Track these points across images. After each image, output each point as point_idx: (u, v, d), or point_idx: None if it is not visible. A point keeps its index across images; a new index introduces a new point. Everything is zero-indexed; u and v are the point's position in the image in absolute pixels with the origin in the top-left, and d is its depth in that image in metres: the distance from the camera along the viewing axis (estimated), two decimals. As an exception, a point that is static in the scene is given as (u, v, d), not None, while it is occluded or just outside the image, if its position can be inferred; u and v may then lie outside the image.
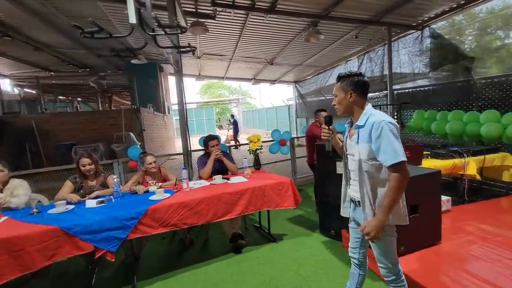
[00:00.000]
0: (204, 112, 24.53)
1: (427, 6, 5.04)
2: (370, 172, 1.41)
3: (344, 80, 1.49)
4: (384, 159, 1.33)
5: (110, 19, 5.49)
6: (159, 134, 9.33)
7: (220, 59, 8.80)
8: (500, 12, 5.44)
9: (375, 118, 1.37)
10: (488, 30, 5.52)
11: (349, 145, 1.55)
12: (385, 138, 1.31)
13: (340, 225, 2.84)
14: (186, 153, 4.09)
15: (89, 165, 2.65)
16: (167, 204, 2.29)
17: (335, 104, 1.55)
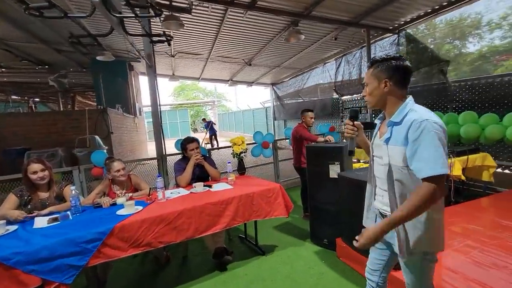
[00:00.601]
0: (178, 114, 23.66)
1: (403, 10, 5.12)
2: (403, 182, 1.15)
3: (378, 65, 1.20)
4: (418, 168, 1.05)
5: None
6: (129, 137, 8.63)
7: (195, 59, 8.39)
8: (457, 23, 5.72)
9: (415, 115, 1.10)
10: (446, 39, 5.78)
11: (377, 145, 1.29)
12: (425, 142, 1.04)
13: (333, 233, 2.63)
14: (160, 158, 3.67)
15: (41, 171, 2.17)
16: (139, 220, 1.91)
17: (365, 95, 1.28)
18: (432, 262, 1.21)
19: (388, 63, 1.18)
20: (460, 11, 5.23)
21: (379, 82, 1.20)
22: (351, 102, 7.55)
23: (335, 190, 2.57)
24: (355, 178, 2.24)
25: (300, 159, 3.45)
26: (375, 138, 1.32)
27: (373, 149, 1.33)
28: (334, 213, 2.63)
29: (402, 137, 1.11)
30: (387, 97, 1.20)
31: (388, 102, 1.21)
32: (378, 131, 1.31)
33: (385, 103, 1.22)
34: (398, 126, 1.15)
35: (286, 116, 11.33)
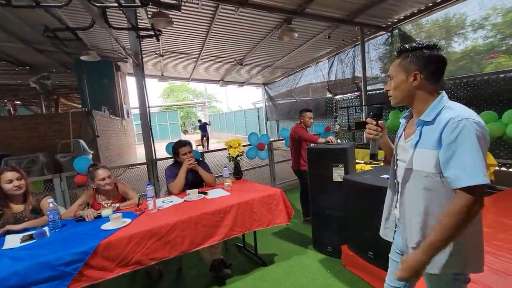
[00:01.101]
0: (168, 116, 23.19)
1: (397, 7, 5.07)
2: (434, 191, 0.98)
3: (407, 54, 1.02)
4: (454, 175, 0.89)
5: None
6: (117, 141, 8.28)
7: (185, 58, 8.14)
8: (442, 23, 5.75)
9: (452, 113, 0.93)
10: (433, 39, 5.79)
11: (402, 148, 1.12)
12: (464, 145, 0.87)
13: (337, 240, 2.48)
14: (150, 163, 3.44)
15: (17, 180, 1.93)
16: (127, 235, 1.69)
17: (389, 89, 1.10)
18: (465, 283, 1.05)
19: (420, 52, 1.00)
20: (445, 12, 5.24)
21: (407, 74, 1.02)
22: (345, 101, 7.48)
23: (340, 194, 2.41)
24: (362, 182, 2.09)
25: (299, 161, 3.29)
26: (400, 139, 1.15)
27: (397, 152, 1.16)
28: (338, 219, 2.47)
29: (435, 138, 0.94)
30: (416, 92, 1.03)
31: (417, 98, 1.04)
32: (404, 132, 1.14)
33: (413, 99, 1.05)
34: (429, 126, 0.98)
35: (279, 116, 11.20)
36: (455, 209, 0.89)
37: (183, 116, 31.66)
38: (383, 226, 1.31)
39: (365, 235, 2.11)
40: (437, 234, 0.92)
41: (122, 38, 5.71)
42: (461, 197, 0.88)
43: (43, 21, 5.27)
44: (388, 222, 1.27)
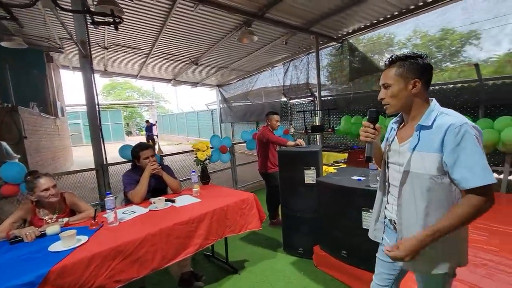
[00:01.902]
0: (109, 115, 21.04)
1: (347, 21, 5.51)
2: (436, 192, 1.03)
3: (403, 63, 1.07)
4: (465, 178, 0.94)
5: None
6: (50, 143, 7.12)
7: (134, 53, 7.47)
8: (376, 40, 6.53)
9: (451, 118, 1.00)
10: (369, 54, 6.54)
11: (395, 151, 1.17)
12: (468, 148, 0.94)
13: (309, 242, 2.52)
14: (100, 168, 3.01)
15: None
16: (86, 257, 1.41)
17: (385, 97, 1.13)
18: (452, 277, 1.14)
19: (415, 61, 1.06)
20: (378, 31, 5.93)
21: (406, 83, 1.07)
22: (300, 105, 7.81)
23: (311, 196, 2.46)
24: (335, 184, 2.16)
25: (267, 164, 3.27)
26: (393, 143, 1.20)
27: (389, 156, 1.21)
28: (310, 220, 2.52)
29: (437, 143, 1.00)
30: (414, 99, 1.09)
31: (414, 105, 1.10)
32: (396, 136, 1.19)
33: (411, 106, 1.10)
34: (428, 131, 1.04)
35: (234, 119, 11.13)
36: (469, 204, 0.95)
37: (127, 116, 29.17)
38: (372, 228, 1.34)
39: (338, 235, 2.18)
40: (445, 221, 0.97)
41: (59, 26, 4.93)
42: (473, 197, 0.94)
43: None
44: (377, 223, 1.31)
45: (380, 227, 1.29)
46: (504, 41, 4.30)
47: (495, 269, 1.75)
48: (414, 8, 4.74)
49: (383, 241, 1.28)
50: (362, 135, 1.19)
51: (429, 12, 4.75)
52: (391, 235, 1.22)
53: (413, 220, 1.08)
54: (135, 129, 29.80)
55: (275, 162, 3.24)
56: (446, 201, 1.04)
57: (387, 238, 1.25)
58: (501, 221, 2.21)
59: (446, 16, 4.79)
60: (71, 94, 10.66)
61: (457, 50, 5.74)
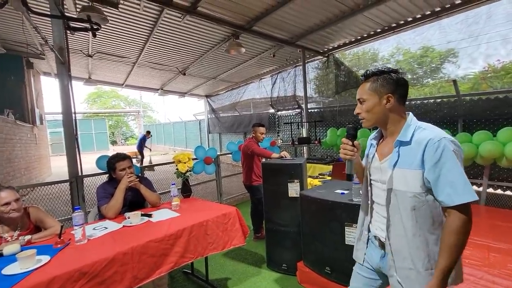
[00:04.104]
0: (93, 124, 20.45)
1: (333, 36, 5.65)
2: (420, 209, 1.00)
3: (377, 78, 1.07)
4: (446, 195, 0.92)
5: None
6: (25, 152, 6.77)
7: (119, 62, 7.34)
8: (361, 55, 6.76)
9: (429, 133, 0.98)
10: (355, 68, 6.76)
11: (376, 168, 1.14)
12: (448, 164, 0.92)
13: (293, 257, 2.44)
14: (75, 180, 2.85)
15: None
16: (45, 280, 1.27)
17: (361, 112, 1.12)
18: None
19: (389, 76, 1.07)
20: (363, 47, 6.13)
21: (379, 97, 1.07)
22: (287, 117, 7.84)
23: (295, 210, 2.40)
24: (318, 198, 2.11)
25: (251, 176, 3.20)
26: (373, 160, 1.17)
27: (371, 173, 1.18)
28: (293, 235, 2.44)
29: (418, 159, 0.98)
30: (389, 114, 1.08)
31: (390, 120, 1.09)
32: (376, 153, 1.17)
33: (386, 121, 1.10)
34: (407, 146, 1.03)
35: (222, 129, 11.05)
36: (452, 229, 0.92)
37: (112, 125, 28.49)
38: (355, 248, 1.30)
39: (321, 251, 2.11)
40: (444, 259, 0.93)
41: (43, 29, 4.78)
42: (455, 216, 0.92)
43: None
44: (359, 243, 1.27)
45: (362, 247, 1.25)
46: (479, 59, 4.51)
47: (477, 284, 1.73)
48: (395, 26, 4.92)
49: (365, 256, 1.23)
50: (342, 153, 1.17)
51: (409, 30, 4.94)
52: (375, 251, 1.18)
53: (403, 241, 1.04)
54: (121, 139, 29.09)
55: (260, 174, 3.17)
56: (432, 219, 1.00)
57: (371, 255, 1.20)
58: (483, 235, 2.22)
59: (424, 34, 5.00)
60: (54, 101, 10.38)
61: (437, 67, 5.96)
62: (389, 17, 4.62)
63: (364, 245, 1.23)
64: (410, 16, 4.58)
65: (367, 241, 1.22)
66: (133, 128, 30.32)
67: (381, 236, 1.13)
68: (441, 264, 0.95)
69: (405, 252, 1.03)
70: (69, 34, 2.70)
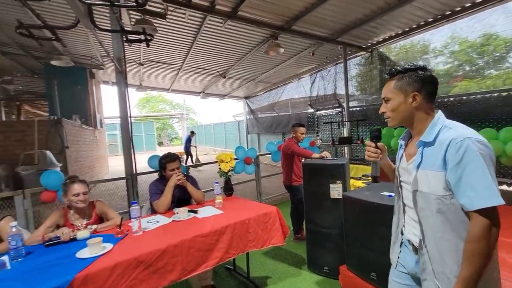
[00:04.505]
0: (143, 127, 22.30)
1: (377, 30, 5.33)
2: (446, 213, 0.94)
3: (403, 76, 1.04)
4: (467, 198, 0.87)
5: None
6: (88, 153, 7.68)
7: (166, 68, 7.90)
8: (409, 48, 6.21)
9: (453, 133, 0.93)
10: (401, 62, 6.22)
11: (404, 169, 1.11)
12: (470, 165, 0.86)
13: (335, 260, 2.37)
14: (130, 177, 3.15)
15: None
16: (109, 265, 1.44)
17: (386, 111, 1.10)
18: None
19: (415, 73, 1.03)
20: (411, 39, 5.64)
21: (405, 96, 1.04)
22: (327, 117, 7.63)
23: (337, 212, 2.33)
24: (363, 200, 2.02)
25: (291, 176, 3.19)
26: (402, 161, 1.13)
27: (400, 174, 1.15)
28: (336, 237, 2.37)
29: (440, 160, 0.93)
30: (415, 113, 1.04)
31: (416, 119, 1.05)
32: (404, 153, 1.13)
33: (413, 120, 1.06)
34: (430, 147, 0.98)
35: (260, 130, 11.17)
36: (474, 236, 0.87)
37: (159, 127, 30.69)
38: (391, 250, 1.26)
39: (366, 255, 2.01)
40: (466, 268, 0.88)
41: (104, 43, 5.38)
42: (476, 221, 0.86)
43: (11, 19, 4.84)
44: (395, 246, 1.22)
45: (396, 250, 1.20)
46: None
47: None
48: (450, 14, 4.46)
49: (398, 259, 1.18)
50: (366, 155, 1.18)
51: (467, 17, 4.43)
52: (409, 256, 1.12)
53: (432, 243, 0.99)
54: (167, 140, 31.18)
55: (300, 175, 3.15)
56: (460, 225, 0.93)
57: (405, 259, 1.15)
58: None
59: (486, 20, 4.45)
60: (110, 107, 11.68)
61: (501, 56, 5.26)
62: (442, 4, 4.21)
63: (398, 248, 1.19)
64: (468, 1, 4.11)
65: (400, 244, 1.18)
66: (177, 130, 32.29)
67: (414, 241, 1.08)
68: (461, 274, 0.89)
69: (436, 256, 0.98)
70: (126, 46, 3.00)
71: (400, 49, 6.29)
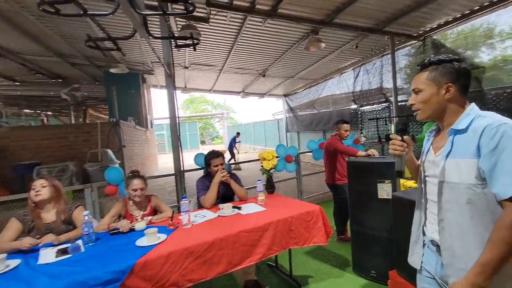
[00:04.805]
0: (187, 127, 23.67)
1: (431, 15, 4.86)
2: (476, 203, 0.89)
3: (437, 67, 1.00)
4: (501, 185, 0.82)
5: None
6: (141, 151, 8.42)
7: (209, 70, 8.25)
8: (469, 33, 5.46)
9: (487, 120, 0.89)
10: (460, 49, 5.52)
11: (430, 162, 1.06)
12: (507, 151, 0.82)
13: (383, 264, 2.24)
14: (178, 174, 3.37)
15: (41, 187, 1.88)
16: (164, 254, 1.58)
17: (415, 103, 1.06)
18: None
19: (450, 65, 0.99)
20: (471, 23, 4.99)
21: (438, 87, 1.00)
22: (372, 112, 7.21)
23: (386, 213, 2.19)
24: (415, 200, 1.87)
25: (334, 175, 3.09)
26: (428, 155, 1.09)
27: (426, 169, 1.09)
28: (384, 240, 2.24)
29: (473, 147, 0.89)
30: (448, 105, 1.01)
31: (448, 112, 1.01)
32: (431, 147, 1.08)
33: (444, 112, 1.02)
34: (462, 135, 0.94)
35: (300, 128, 11.01)
36: (503, 223, 0.82)
37: (202, 127, 32.18)
38: (411, 251, 1.21)
39: (420, 261, 1.87)
40: (488, 253, 0.84)
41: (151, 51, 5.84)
42: (509, 209, 0.82)
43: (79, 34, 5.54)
44: (416, 246, 1.17)
45: (419, 251, 1.15)
46: None
47: None
48: (523, -10, 3.87)
49: (422, 264, 1.13)
50: (391, 148, 1.11)
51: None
52: (432, 258, 1.07)
53: (456, 238, 0.95)
54: (208, 139, 32.58)
55: (344, 173, 3.04)
56: (491, 216, 0.88)
57: (428, 261, 1.09)
58: None
59: None
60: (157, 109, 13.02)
61: None
62: (514, -20, 3.67)
63: (421, 250, 1.13)
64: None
65: (423, 245, 1.12)
66: (218, 129, 33.50)
67: (435, 238, 1.03)
68: (481, 257, 0.85)
69: (458, 251, 0.94)
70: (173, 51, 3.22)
71: (458, 35, 5.63)
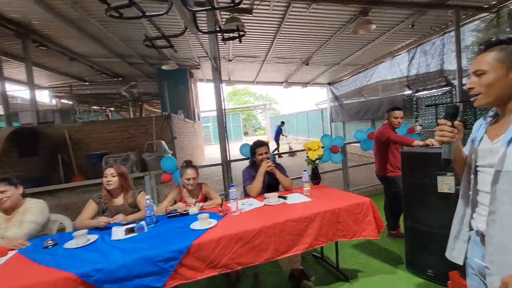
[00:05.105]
0: (231, 118, 24.38)
1: (508, -20, 4.13)
2: None
3: (507, 47, 0.89)
4: None
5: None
6: (189, 142, 8.98)
7: (252, 61, 8.31)
8: None
9: None
10: None
11: (485, 151, 0.96)
12: None
13: (442, 263, 2.04)
14: (225, 164, 3.53)
15: (112, 176, 2.14)
16: (215, 238, 1.69)
17: (475, 86, 0.95)
18: None
19: None
20: None
21: (508, 69, 0.89)
22: (429, 98, 6.50)
23: (446, 209, 1.99)
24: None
25: (386, 166, 2.90)
26: (481, 142, 0.99)
27: (478, 158, 0.99)
28: (443, 238, 2.04)
29: None
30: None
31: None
32: (485, 134, 0.99)
33: (509, 98, 0.92)
34: None
35: (345, 117, 10.50)
36: None
37: (244, 118, 32.81)
38: (450, 247, 1.13)
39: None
40: None
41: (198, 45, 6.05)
42: None
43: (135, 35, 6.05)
44: (457, 241, 1.09)
45: (462, 246, 1.07)
46: None
47: None
48: None
49: (467, 261, 1.05)
50: (437, 135, 1.00)
51: None
52: (477, 252, 0.99)
53: (509, 234, 0.86)
54: (251, 130, 33.14)
55: (397, 165, 2.83)
56: None
57: (472, 257, 1.01)
58: None
59: None
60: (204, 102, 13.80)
61: None
62: None
63: (465, 244, 1.06)
64: None
65: (467, 240, 1.05)
66: (260, 120, 33.80)
67: (484, 230, 0.95)
68: None
69: (510, 246, 0.86)
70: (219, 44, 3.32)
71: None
